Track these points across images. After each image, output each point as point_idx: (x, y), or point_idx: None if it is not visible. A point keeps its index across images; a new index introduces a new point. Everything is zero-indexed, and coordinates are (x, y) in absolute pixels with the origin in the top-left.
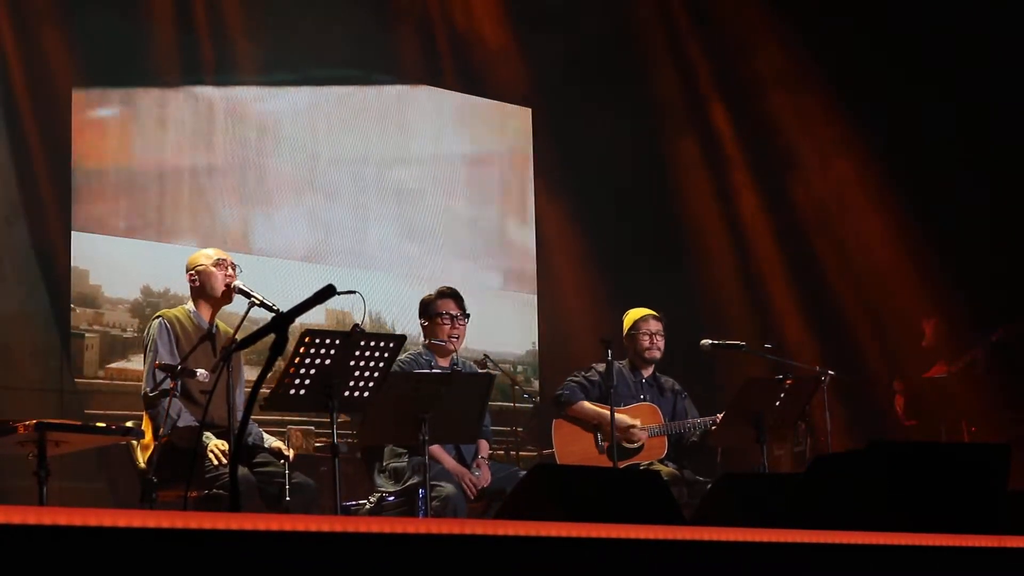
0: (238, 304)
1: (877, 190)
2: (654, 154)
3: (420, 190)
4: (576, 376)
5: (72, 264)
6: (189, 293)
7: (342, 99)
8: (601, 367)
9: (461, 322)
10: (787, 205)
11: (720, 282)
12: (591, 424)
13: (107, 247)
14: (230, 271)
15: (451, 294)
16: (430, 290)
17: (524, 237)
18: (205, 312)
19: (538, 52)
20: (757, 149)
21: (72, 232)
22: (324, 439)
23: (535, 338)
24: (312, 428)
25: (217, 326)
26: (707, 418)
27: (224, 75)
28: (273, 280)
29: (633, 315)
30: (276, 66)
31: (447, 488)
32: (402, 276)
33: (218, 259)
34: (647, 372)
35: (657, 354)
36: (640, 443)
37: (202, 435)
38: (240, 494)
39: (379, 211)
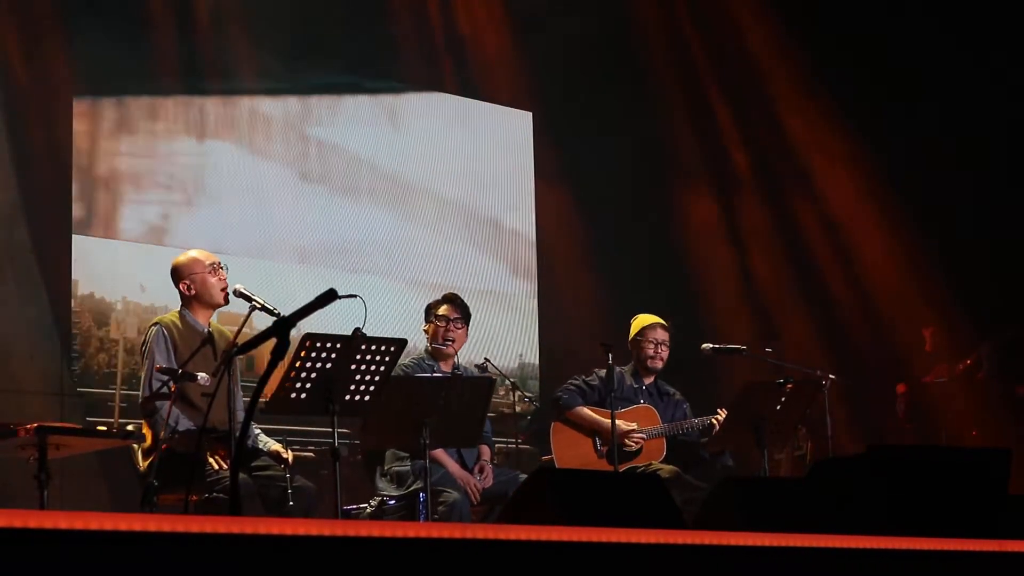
0: (236, 306)
1: (880, 201)
2: (656, 159)
3: (420, 195)
4: (576, 380)
5: (72, 267)
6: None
7: (341, 103)
8: (602, 372)
9: (457, 326)
10: (790, 213)
11: (722, 287)
12: (589, 429)
13: (107, 250)
14: (223, 274)
15: (451, 299)
16: (428, 296)
17: (525, 243)
18: (200, 316)
19: (538, 56)
20: (760, 156)
21: (73, 235)
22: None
23: (536, 343)
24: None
25: (212, 329)
26: (704, 418)
27: (222, 78)
28: (270, 283)
29: (641, 321)
30: (274, 69)
31: (453, 495)
32: (400, 282)
33: (210, 264)
34: (648, 379)
35: (660, 364)
36: (638, 447)
37: (203, 439)
38: (240, 498)
39: (378, 217)
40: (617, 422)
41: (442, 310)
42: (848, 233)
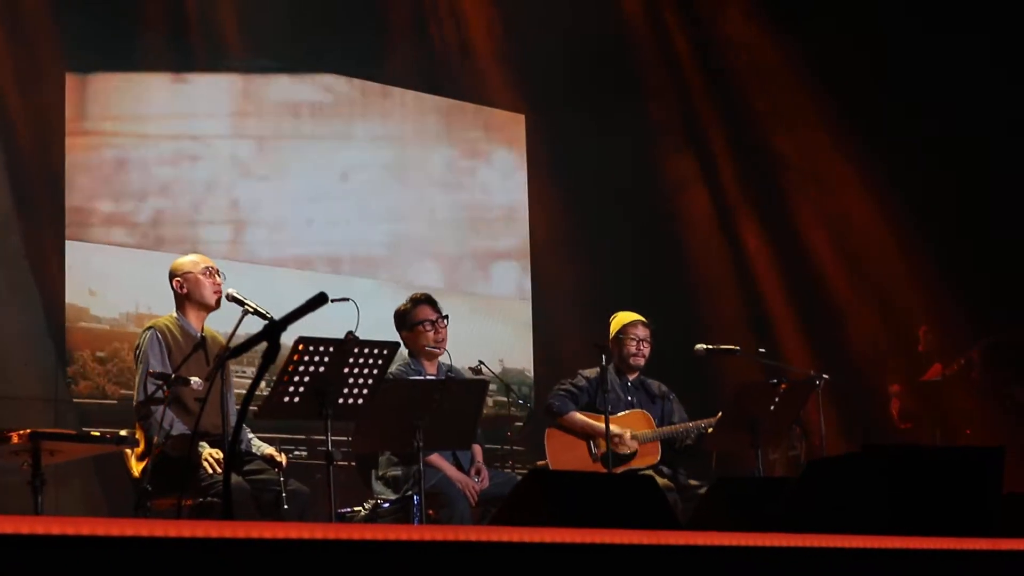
0: (228, 311)
1: (876, 200)
2: (649, 159)
3: (411, 198)
4: (564, 384)
5: (66, 273)
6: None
7: (333, 103)
8: (588, 372)
9: (442, 325)
10: (783, 212)
11: (715, 287)
12: (583, 434)
13: (101, 256)
14: (217, 279)
15: (425, 300)
16: None
17: (518, 244)
18: (194, 319)
19: (531, 58)
20: (752, 157)
21: (66, 241)
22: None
23: (530, 345)
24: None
25: (205, 334)
26: (700, 421)
27: (212, 74)
28: (256, 287)
29: (622, 319)
30: (266, 69)
31: (456, 501)
32: (391, 285)
33: (205, 267)
34: (632, 376)
35: (641, 361)
36: (631, 451)
37: (195, 443)
38: (234, 502)
39: (369, 219)
40: (612, 427)
41: (424, 314)
42: (843, 233)
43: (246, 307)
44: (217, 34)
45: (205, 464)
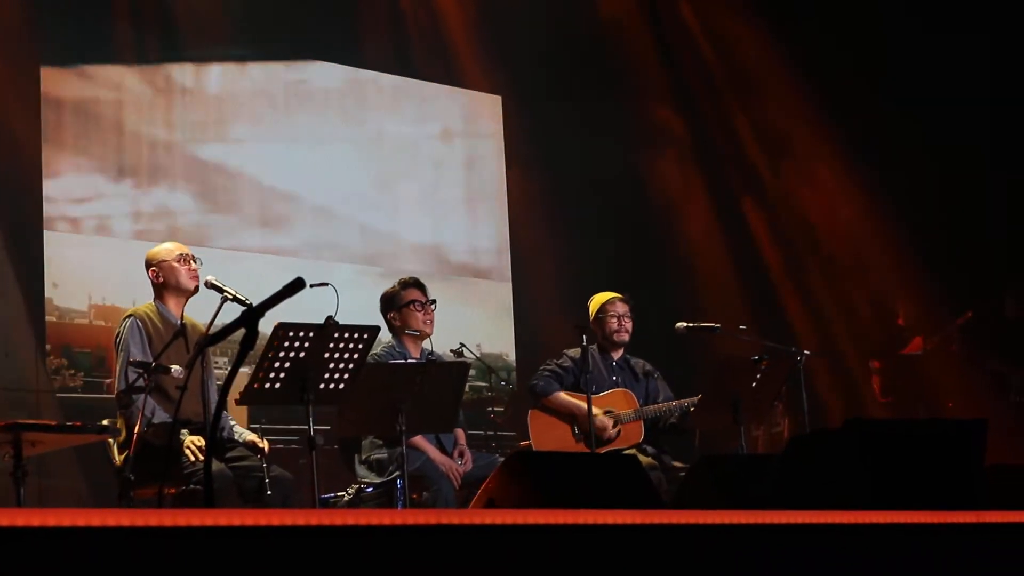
0: (207, 298)
1: (856, 178)
2: (630, 142)
3: (387, 182)
4: (549, 365)
5: (45, 263)
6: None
7: (308, 86)
8: (572, 353)
9: (431, 308)
10: (762, 190)
11: (695, 266)
12: (567, 415)
13: (78, 246)
14: (193, 265)
15: (414, 283)
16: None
17: (497, 226)
18: (173, 306)
19: (507, 37)
20: (733, 137)
21: (44, 231)
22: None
23: (510, 329)
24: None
25: (185, 321)
26: (683, 400)
27: (191, 62)
28: (234, 272)
29: (599, 299)
30: (240, 51)
31: (440, 483)
32: (369, 270)
33: (180, 254)
34: (617, 355)
35: (626, 336)
36: (615, 433)
37: (177, 431)
38: (216, 490)
39: (345, 204)
40: (595, 410)
41: (414, 295)
42: (822, 209)
43: (225, 294)
44: (195, 17)
45: (187, 452)
